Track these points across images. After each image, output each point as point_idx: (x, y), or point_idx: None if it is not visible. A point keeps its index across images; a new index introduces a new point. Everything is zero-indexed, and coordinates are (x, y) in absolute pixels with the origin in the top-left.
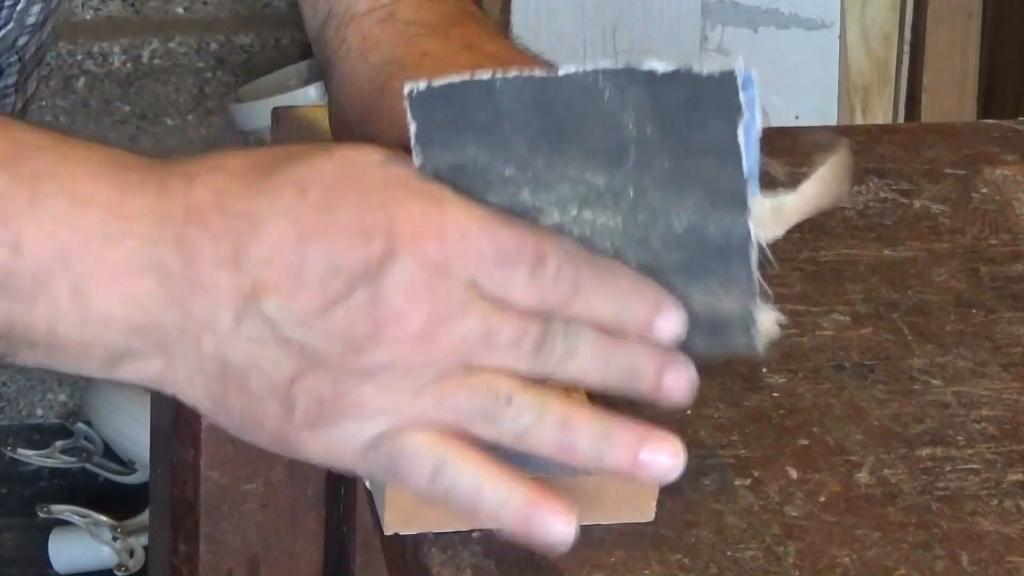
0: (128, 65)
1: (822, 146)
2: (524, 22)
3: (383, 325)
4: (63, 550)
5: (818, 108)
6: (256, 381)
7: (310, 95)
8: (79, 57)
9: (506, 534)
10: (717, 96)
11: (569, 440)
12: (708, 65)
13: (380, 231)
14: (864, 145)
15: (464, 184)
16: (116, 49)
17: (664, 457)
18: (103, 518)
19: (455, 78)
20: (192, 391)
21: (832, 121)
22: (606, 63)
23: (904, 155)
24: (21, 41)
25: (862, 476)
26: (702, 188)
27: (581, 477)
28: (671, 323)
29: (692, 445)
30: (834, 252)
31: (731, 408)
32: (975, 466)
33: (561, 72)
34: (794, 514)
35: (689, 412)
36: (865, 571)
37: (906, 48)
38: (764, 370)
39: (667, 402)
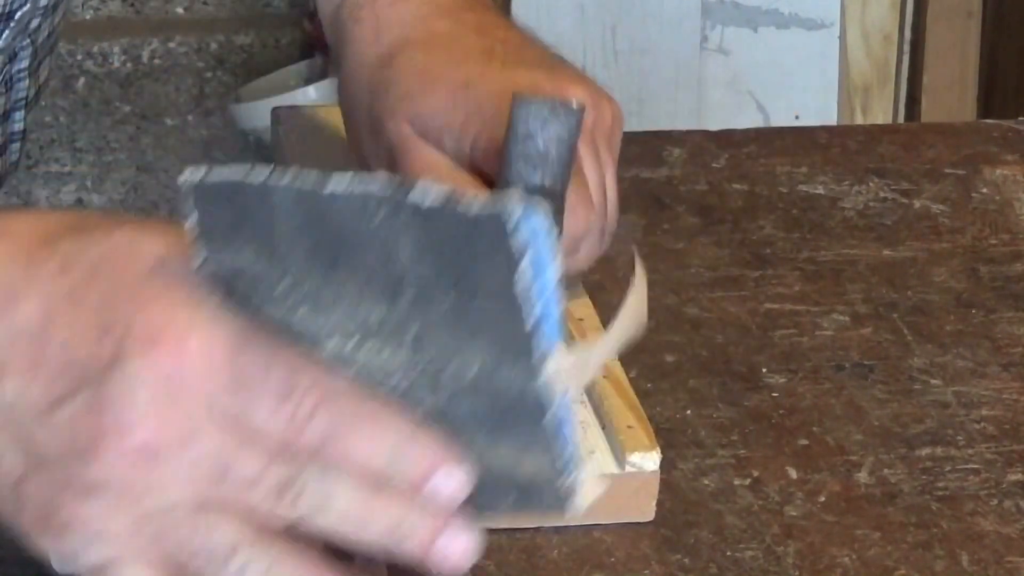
0: (128, 65)
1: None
2: (524, 22)
3: (103, 434)
4: None
5: (818, 108)
6: None
7: (310, 95)
8: (79, 57)
9: None
10: (487, 239)
11: None
12: (480, 203)
13: (118, 327)
14: (864, 145)
15: (241, 292)
16: (116, 49)
17: None
18: None
19: (233, 172)
20: None
21: (832, 121)
22: (377, 185)
23: (904, 155)
24: (34, 23)
25: (862, 476)
26: (488, 335)
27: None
28: (451, 481)
29: (692, 445)
30: (834, 252)
31: (731, 408)
32: (975, 466)
33: (329, 189)
34: (794, 514)
35: (689, 412)
36: (865, 571)
37: (906, 48)
38: (764, 370)
39: (437, 568)
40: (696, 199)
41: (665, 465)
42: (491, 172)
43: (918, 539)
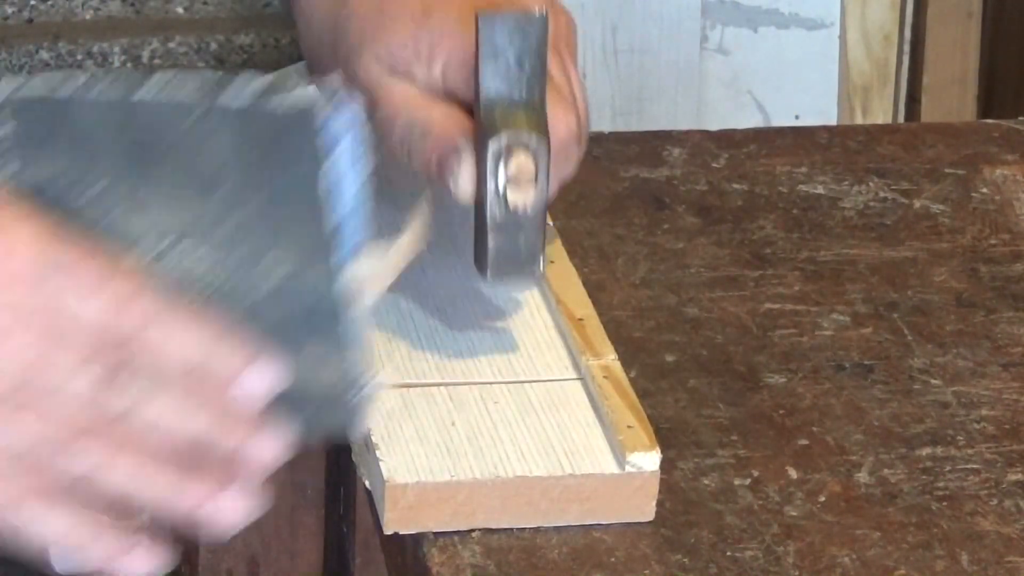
0: (128, 65)
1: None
2: None
3: None
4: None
5: (818, 108)
6: None
7: None
8: (79, 57)
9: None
10: (295, 136)
11: (138, 487)
12: (291, 99)
13: None
14: (864, 145)
15: (55, 195)
16: (116, 49)
17: (229, 515)
18: None
19: (46, 84)
20: None
21: (832, 121)
22: (186, 92)
23: (904, 155)
24: None
25: (862, 476)
26: (292, 237)
27: (581, 478)
28: (261, 378)
29: (692, 445)
30: (834, 252)
31: (731, 408)
32: (975, 466)
33: (138, 96)
34: (794, 514)
35: (689, 412)
36: (865, 571)
37: (906, 48)
38: (764, 370)
39: (250, 468)
40: (696, 199)
41: (665, 465)
42: (466, 96)
43: (918, 539)
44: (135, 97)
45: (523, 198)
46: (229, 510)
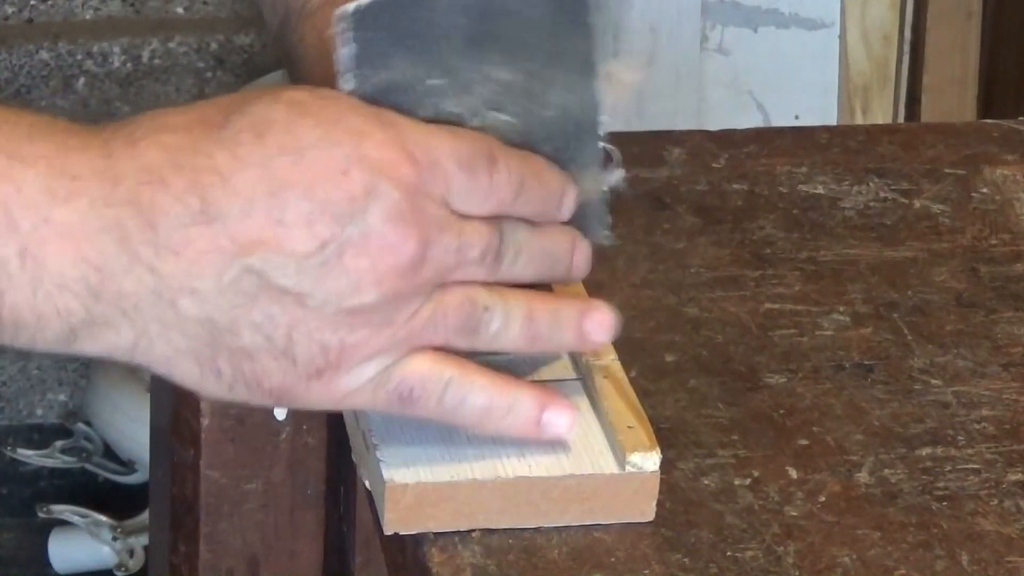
0: (128, 65)
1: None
2: None
3: (379, 258)
4: (63, 550)
5: (818, 108)
6: (249, 338)
7: None
8: (79, 57)
9: (519, 436)
10: None
11: (534, 332)
12: None
13: (355, 163)
14: (864, 145)
15: (393, 101)
16: (116, 49)
17: (599, 327)
18: (103, 518)
19: None
20: (172, 359)
21: (832, 121)
22: None
23: (904, 155)
24: None
25: (862, 476)
26: (568, 63)
27: (581, 478)
28: (572, 201)
29: (692, 445)
30: (834, 252)
31: (731, 408)
32: (975, 466)
33: None
34: (794, 514)
35: (689, 412)
36: (865, 571)
37: (906, 48)
38: (764, 370)
39: (576, 279)
40: (696, 199)
41: (665, 465)
42: None
43: (918, 539)
44: None
45: None
46: (602, 324)
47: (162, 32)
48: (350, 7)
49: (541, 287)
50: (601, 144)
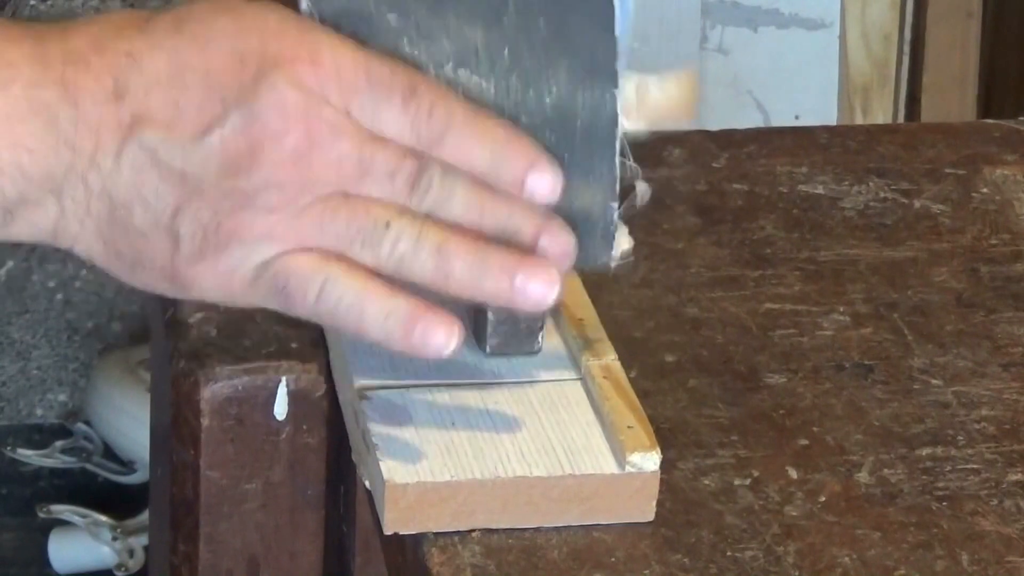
0: None
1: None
2: None
3: (259, 144)
4: (63, 550)
5: (818, 108)
6: (140, 216)
7: None
8: None
9: (392, 346)
10: None
11: (446, 265)
12: None
13: (253, 55)
14: (864, 145)
15: (348, 30)
16: None
17: (539, 284)
18: (103, 518)
19: None
20: (84, 237)
21: (832, 121)
22: None
23: (904, 155)
24: None
25: (862, 476)
26: (575, 55)
27: (581, 478)
28: (545, 179)
29: (692, 445)
30: (834, 252)
31: (731, 408)
32: (975, 466)
33: None
34: (794, 514)
35: (689, 412)
36: (865, 571)
37: (906, 48)
38: (764, 370)
39: (549, 252)
40: (696, 199)
41: (665, 465)
42: None
43: (918, 539)
44: None
45: None
46: (539, 280)
47: None
48: None
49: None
50: (618, 159)
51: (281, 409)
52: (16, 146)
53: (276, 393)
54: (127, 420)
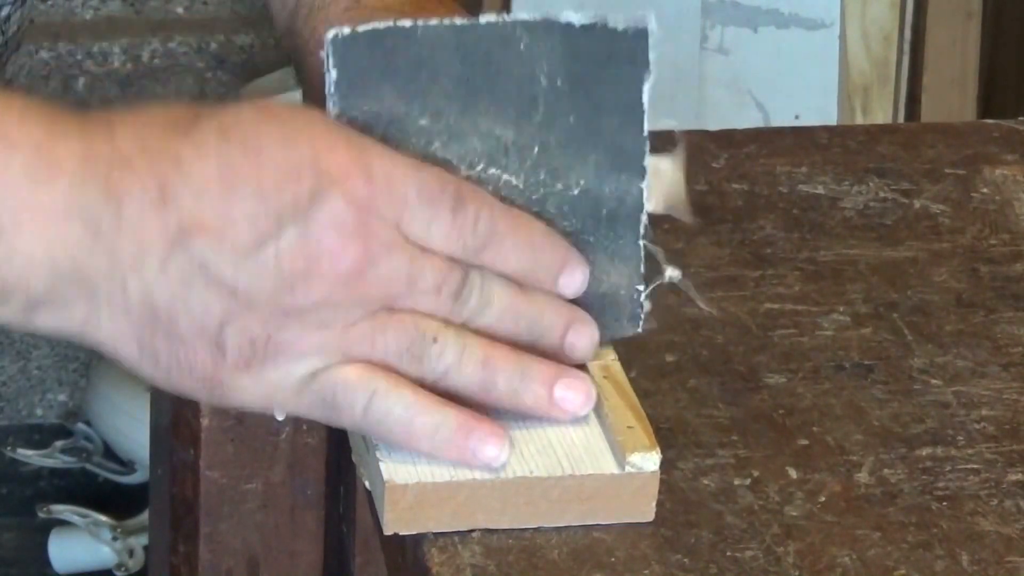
0: (128, 65)
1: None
2: None
3: (315, 261)
4: (63, 550)
5: (818, 108)
6: (185, 324)
7: None
8: (79, 57)
9: (443, 458)
10: (628, 51)
11: (489, 378)
12: (622, 21)
13: (307, 169)
14: (864, 145)
15: (379, 133)
16: (116, 49)
17: (577, 395)
18: (103, 518)
19: (378, 24)
20: (116, 338)
21: (832, 121)
22: (526, 15)
23: (904, 155)
24: (4, 12)
25: (862, 476)
26: (604, 150)
27: (581, 478)
28: (576, 278)
29: (692, 445)
30: (834, 252)
31: (731, 408)
32: (975, 466)
33: (481, 20)
34: (794, 514)
35: (689, 412)
36: (865, 571)
37: (906, 48)
38: (764, 370)
39: (568, 359)
40: (696, 199)
41: (665, 465)
42: None
43: (918, 539)
44: (463, 23)
45: None
46: (576, 393)
47: (162, 32)
48: (331, 33)
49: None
50: (642, 242)
51: (281, 410)
52: (52, 244)
53: None
54: (127, 420)
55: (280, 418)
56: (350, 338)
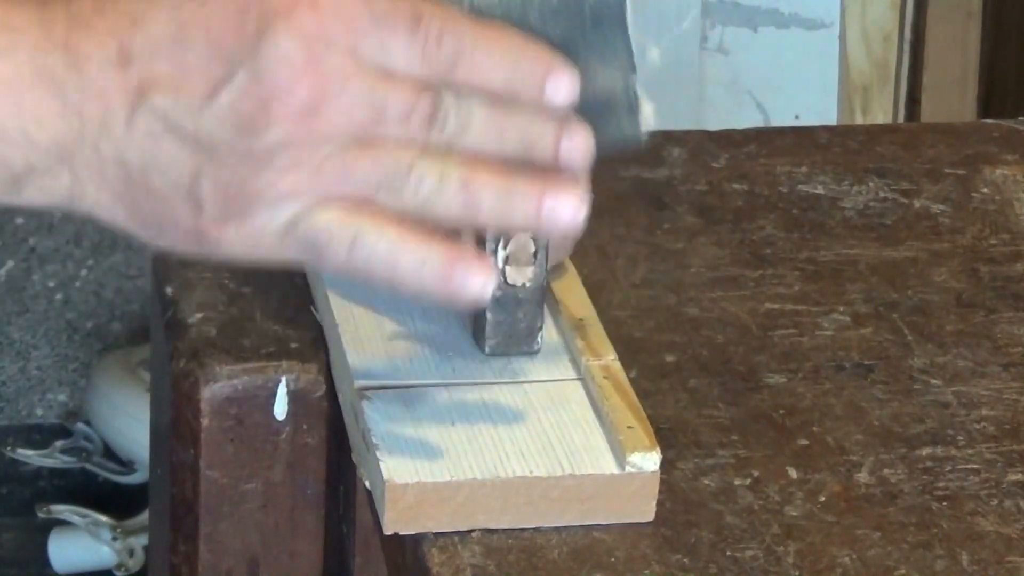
0: None
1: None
2: None
3: (269, 101)
4: (63, 550)
5: (818, 108)
6: (158, 180)
7: None
8: None
9: (429, 294)
10: None
11: (473, 200)
12: None
13: (253, 7)
14: (864, 145)
15: None
16: None
17: (567, 205)
18: (103, 518)
19: None
20: (104, 203)
21: (832, 121)
22: None
23: (904, 155)
24: None
25: (862, 476)
26: None
27: (581, 478)
28: (563, 83)
29: (692, 445)
30: (834, 252)
31: (731, 408)
32: (975, 466)
33: None
34: (794, 514)
35: (689, 412)
36: (865, 571)
37: (906, 48)
38: (764, 370)
39: (565, 167)
40: (696, 199)
41: (665, 465)
42: None
43: (918, 539)
44: None
45: (522, 275)
46: (566, 203)
47: None
48: None
49: None
50: (630, 33)
51: (281, 409)
52: (21, 114)
53: (276, 393)
54: (127, 420)
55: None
56: (323, 176)
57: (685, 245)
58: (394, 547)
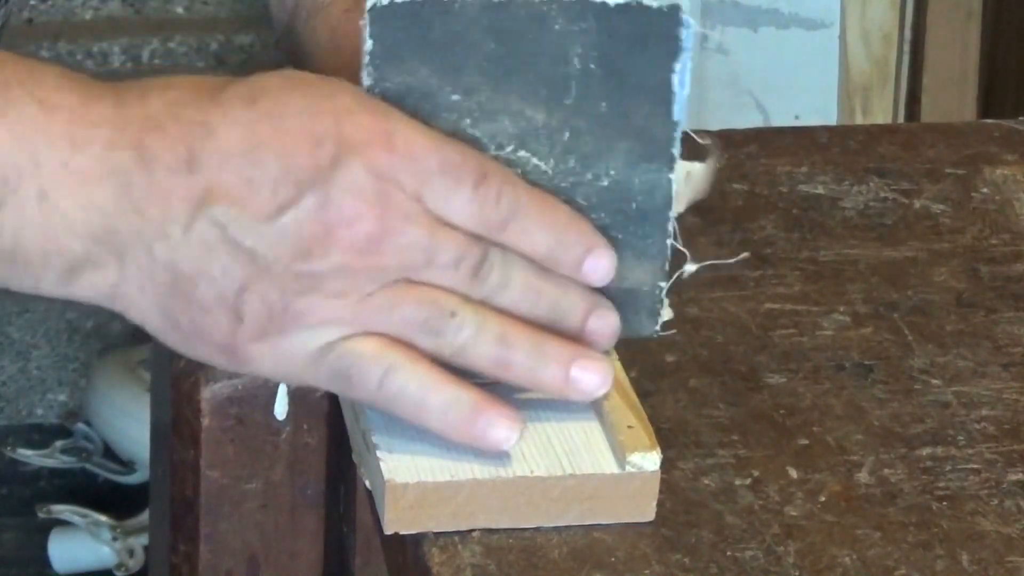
0: (128, 65)
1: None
2: None
3: (332, 229)
4: (63, 550)
5: (818, 108)
6: (205, 290)
7: None
8: (79, 57)
9: (452, 437)
10: (660, 29)
11: (506, 355)
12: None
13: (330, 137)
14: (864, 145)
15: (411, 107)
16: (116, 49)
17: (593, 375)
18: (103, 518)
19: None
20: (141, 303)
21: (832, 121)
22: None
23: (904, 155)
24: None
25: (862, 476)
26: (634, 138)
27: (581, 478)
28: (602, 264)
29: (692, 445)
30: (834, 252)
31: (731, 408)
32: (975, 466)
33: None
34: (794, 514)
35: (689, 412)
36: (865, 571)
37: (906, 48)
38: (764, 370)
39: (589, 345)
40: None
41: (665, 465)
42: None
43: (918, 539)
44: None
45: None
46: (593, 375)
47: (162, 32)
48: (370, 2)
49: None
50: (669, 241)
51: (281, 409)
52: (89, 207)
53: (276, 393)
54: (127, 420)
55: (281, 416)
56: (367, 309)
57: (685, 245)
58: (394, 547)
